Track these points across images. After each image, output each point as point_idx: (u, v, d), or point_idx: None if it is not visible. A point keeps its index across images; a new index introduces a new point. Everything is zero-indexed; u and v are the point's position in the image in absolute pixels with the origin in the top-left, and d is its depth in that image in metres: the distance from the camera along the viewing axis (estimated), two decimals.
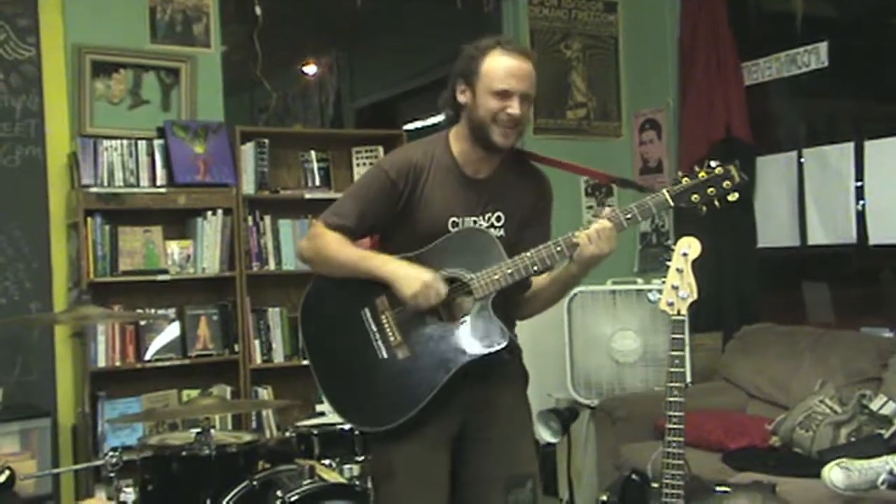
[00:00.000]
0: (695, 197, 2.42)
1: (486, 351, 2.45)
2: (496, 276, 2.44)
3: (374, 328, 2.53)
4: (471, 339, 2.46)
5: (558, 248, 2.45)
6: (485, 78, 2.48)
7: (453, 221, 2.55)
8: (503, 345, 2.45)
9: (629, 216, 2.44)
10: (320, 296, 2.64)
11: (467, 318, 2.47)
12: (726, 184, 2.41)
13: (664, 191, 2.43)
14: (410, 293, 2.44)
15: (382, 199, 2.55)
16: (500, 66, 2.47)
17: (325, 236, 2.56)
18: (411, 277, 2.45)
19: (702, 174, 2.43)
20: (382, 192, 2.54)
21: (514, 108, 2.46)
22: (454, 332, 2.47)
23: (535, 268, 2.45)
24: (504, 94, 2.46)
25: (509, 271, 2.44)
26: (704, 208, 2.44)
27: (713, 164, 2.44)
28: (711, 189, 2.41)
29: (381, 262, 2.51)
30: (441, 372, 2.45)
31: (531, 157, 2.74)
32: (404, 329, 2.50)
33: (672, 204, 2.43)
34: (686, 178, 2.44)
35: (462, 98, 2.53)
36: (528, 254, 2.45)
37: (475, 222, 2.56)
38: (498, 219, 2.58)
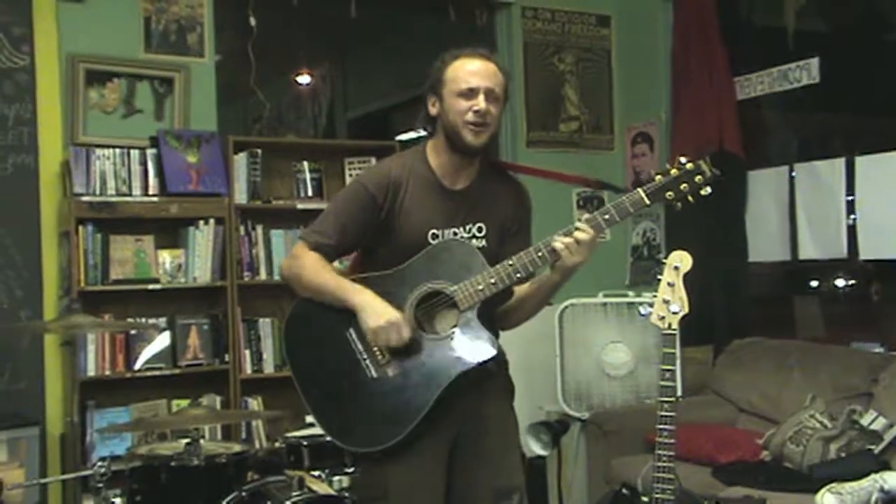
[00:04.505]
0: (669, 194, 2.44)
1: (476, 362, 2.45)
2: (480, 287, 2.45)
3: (361, 348, 2.52)
4: (460, 351, 2.46)
5: (539, 254, 2.47)
6: (449, 83, 2.56)
7: (433, 233, 2.56)
8: (492, 354, 2.45)
9: (607, 216, 2.47)
10: (303, 320, 2.63)
11: (455, 331, 2.47)
12: (698, 178, 2.43)
13: (639, 190, 2.46)
14: (373, 325, 2.44)
15: (363, 214, 2.56)
16: (463, 68, 2.56)
17: (304, 258, 2.57)
18: (378, 312, 2.44)
19: (673, 171, 2.45)
20: (363, 207, 2.56)
21: (480, 102, 2.51)
22: (443, 346, 2.47)
23: (518, 275, 2.47)
24: (469, 93, 2.53)
25: (492, 280, 2.45)
26: (679, 204, 2.46)
27: (683, 160, 2.46)
28: (684, 185, 2.43)
29: (353, 292, 2.50)
30: (433, 387, 2.45)
31: (505, 166, 2.83)
32: (392, 347, 2.48)
33: (648, 202, 2.45)
34: (659, 176, 2.46)
35: (433, 110, 2.61)
36: (510, 261, 2.47)
37: (455, 233, 2.57)
38: (479, 229, 2.60)
